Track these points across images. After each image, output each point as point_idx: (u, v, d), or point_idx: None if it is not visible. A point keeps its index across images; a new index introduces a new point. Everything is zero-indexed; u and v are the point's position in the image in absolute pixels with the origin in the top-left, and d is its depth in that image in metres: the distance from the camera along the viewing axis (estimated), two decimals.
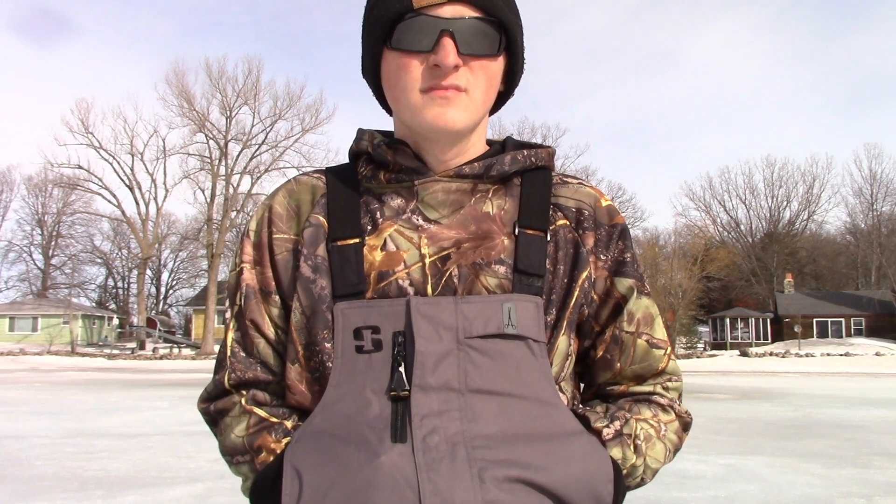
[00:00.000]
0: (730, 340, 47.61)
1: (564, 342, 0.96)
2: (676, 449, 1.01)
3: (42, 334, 46.19)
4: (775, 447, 8.36)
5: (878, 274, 54.44)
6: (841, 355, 36.64)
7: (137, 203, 49.83)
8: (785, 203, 62.93)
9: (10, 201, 62.23)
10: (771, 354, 38.26)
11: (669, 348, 1.03)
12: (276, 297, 0.99)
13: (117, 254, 63.59)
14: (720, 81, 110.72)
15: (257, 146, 49.10)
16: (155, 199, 50.76)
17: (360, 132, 1.04)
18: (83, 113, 49.77)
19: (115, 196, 49.94)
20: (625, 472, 0.94)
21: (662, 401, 1.01)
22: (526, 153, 1.01)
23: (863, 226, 59.80)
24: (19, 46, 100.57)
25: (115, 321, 57.51)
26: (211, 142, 48.58)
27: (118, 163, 48.88)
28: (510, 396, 0.88)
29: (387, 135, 1.04)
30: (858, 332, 47.22)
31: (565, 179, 1.04)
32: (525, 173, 1.02)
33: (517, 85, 1.04)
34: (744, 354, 38.83)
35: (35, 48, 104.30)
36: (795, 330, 45.10)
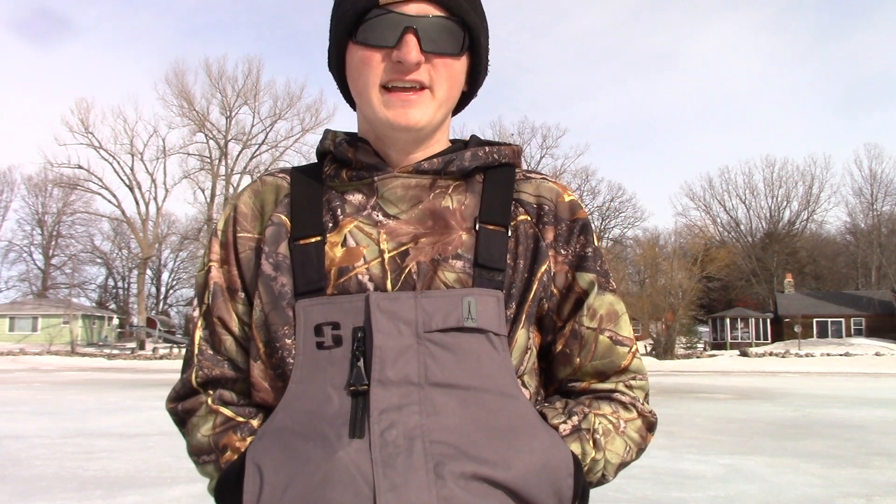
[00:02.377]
0: (730, 340, 47.62)
1: (523, 335, 0.95)
2: (640, 448, 1.00)
3: (42, 334, 46.17)
4: (775, 447, 8.37)
5: (878, 274, 54.45)
6: (841, 355, 36.64)
7: (137, 203, 49.95)
8: (785, 203, 62.99)
9: (10, 201, 62.20)
10: (771, 354, 38.26)
11: (635, 346, 1.03)
12: (242, 295, 1.00)
13: (117, 254, 63.62)
14: (720, 82, 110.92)
15: (257, 146, 49.23)
16: (155, 199, 50.89)
17: (326, 132, 1.06)
18: (83, 113, 49.78)
19: (115, 196, 50.16)
20: (585, 467, 0.93)
21: (624, 398, 1.00)
22: (487, 150, 1.02)
23: (863, 226, 59.86)
24: (19, 46, 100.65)
25: (115, 321, 57.48)
26: (211, 142, 48.71)
27: (118, 163, 49.02)
28: (470, 389, 0.88)
29: (353, 135, 1.06)
30: (858, 332, 47.22)
31: (528, 175, 1.04)
32: (488, 170, 1.02)
33: (480, 86, 1.06)
34: (744, 354, 38.82)
35: (35, 48, 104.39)
36: (795, 330, 45.10)
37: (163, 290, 67.07)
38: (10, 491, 5.81)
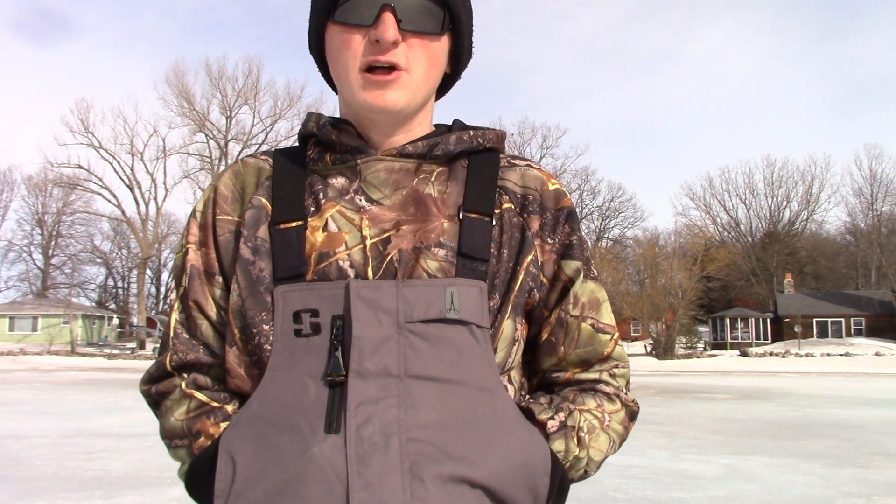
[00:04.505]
0: (730, 340, 47.57)
1: (510, 326, 0.93)
2: (622, 439, 1.00)
3: (42, 334, 46.12)
4: (775, 447, 8.37)
5: (878, 274, 54.46)
6: (841, 355, 36.61)
7: (137, 203, 50.02)
8: (785, 203, 63.02)
9: (10, 201, 62.30)
10: (771, 354, 38.23)
11: (616, 334, 1.02)
12: (220, 279, 0.98)
13: (117, 254, 63.65)
14: (720, 82, 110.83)
15: (258, 146, 49.19)
16: (155, 198, 50.94)
17: (309, 115, 1.04)
18: (83, 113, 49.95)
19: (115, 196, 50.26)
20: (567, 464, 0.92)
21: (608, 389, 0.99)
22: (472, 133, 1.00)
23: (863, 226, 59.86)
24: (19, 46, 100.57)
25: (115, 321, 57.43)
26: (211, 141, 48.72)
27: (118, 163, 49.10)
28: (450, 383, 0.86)
29: (337, 119, 1.04)
30: (858, 332, 47.17)
31: (513, 162, 1.02)
32: (472, 155, 1.00)
33: (464, 68, 1.04)
34: (744, 354, 38.80)
35: (35, 48, 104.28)
36: (795, 330, 45.07)
37: (163, 290, 67.02)
38: (10, 491, 5.81)
